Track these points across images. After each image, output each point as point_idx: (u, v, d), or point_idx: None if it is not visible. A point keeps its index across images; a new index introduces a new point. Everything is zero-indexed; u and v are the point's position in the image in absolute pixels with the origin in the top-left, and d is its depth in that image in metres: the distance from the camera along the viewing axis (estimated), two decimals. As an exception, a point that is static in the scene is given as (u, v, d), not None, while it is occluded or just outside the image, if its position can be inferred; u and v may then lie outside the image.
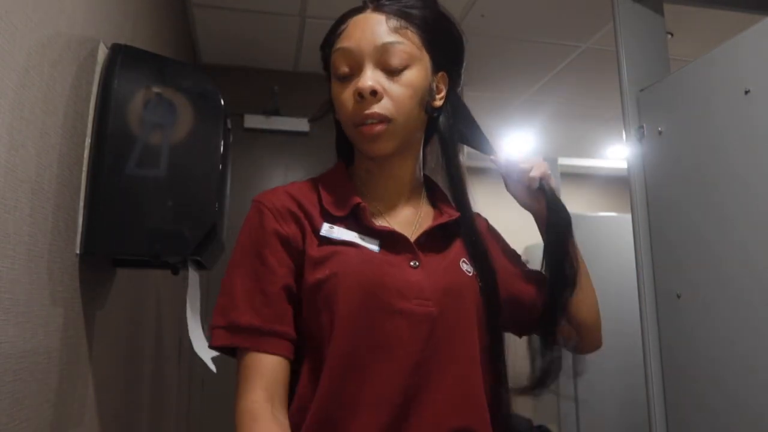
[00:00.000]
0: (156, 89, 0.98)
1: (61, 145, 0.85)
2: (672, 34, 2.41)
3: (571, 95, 3.31)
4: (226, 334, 0.71)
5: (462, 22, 2.49)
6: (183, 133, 0.98)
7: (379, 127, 0.74)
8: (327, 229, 0.75)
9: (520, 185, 0.87)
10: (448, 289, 0.75)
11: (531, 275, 0.89)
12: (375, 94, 0.74)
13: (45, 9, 0.77)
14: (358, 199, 0.78)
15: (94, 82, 0.98)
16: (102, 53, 1.01)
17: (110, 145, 0.93)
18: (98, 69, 0.99)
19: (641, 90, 1.45)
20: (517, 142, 4.13)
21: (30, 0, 0.72)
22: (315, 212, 0.78)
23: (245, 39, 2.70)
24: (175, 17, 2.08)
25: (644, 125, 1.43)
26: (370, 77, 0.74)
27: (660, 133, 1.37)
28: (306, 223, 0.77)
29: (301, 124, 2.83)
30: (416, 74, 0.77)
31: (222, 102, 1.03)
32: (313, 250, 0.74)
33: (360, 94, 0.74)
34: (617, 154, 4.32)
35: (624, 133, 1.48)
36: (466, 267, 0.79)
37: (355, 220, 0.77)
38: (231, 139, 1.12)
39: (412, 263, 0.75)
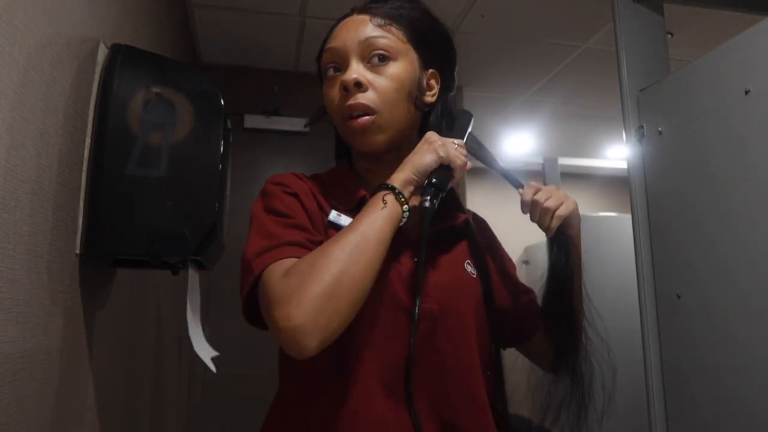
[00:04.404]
0: (156, 89, 0.98)
1: (61, 145, 0.85)
2: (672, 34, 2.41)
3: (571, 95, 3.31)
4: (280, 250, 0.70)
5: (462, 22, 2.49)
6: (183, 133, 0.98)
7: (365, 119, 0.75)
8: (335, 216, 0.76)
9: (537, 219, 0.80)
10: (450, 287, 0.75)
11: (523, 290, 0.93)
12: (359, 86, 0.75)
13: (45, 9, 0.77)
14: (363, 192, 0.78)
15: (94, 82, 0.98)
16: (102, 53, 1.01)
17: (110, 145, 0.93)
18: (98, 69, 0.99)
19: (641, 90, 1.45)
20: (516, 142, 4.13)
21: (30, 0, 0.72)
22: (324, 200, 0.79)
23: (245, 39, 2.70)
24: (175, 17, 2.08)
25: (644, 125, 1.42)
26: (355, 70, 0.76)
27: (660, 133, 1.37)
28: (322, 202, 0.79)
29: (301, 124, 2.83)
30: (401, 67, 0.77)
31: (222, 102, 1.03)
32: (322, 236, 0.75)
33: (345, 87, 0.75)
34: (617, 154, 4.33)
35: (624, 133, 1.48)
36: (470, 269, 0.80)
37: None
38: (231, 139, 1.12)
39: (414, 260, 0.76)
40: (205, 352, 0.99)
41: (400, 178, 0.70)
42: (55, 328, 0.84)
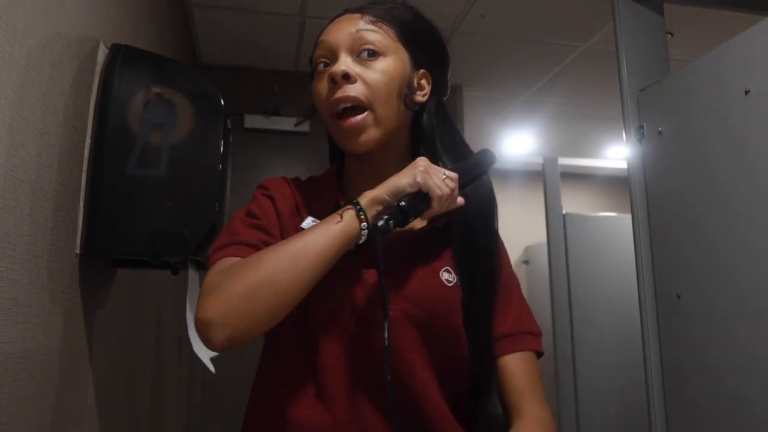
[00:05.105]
0: (156, 89, 0.98)
1: (61, 145, 0.85)
2: (672, 34, 2.41)
3: (571, 95, 3.31)
4: (233, 248, 0.73)
5: (462, 22, 2.49)
6: (183, 133, 0.98)
7: (357, 119, 0.74)
8: (308, 222, 0.76)
9: None
10: (419, 296, 0.73)
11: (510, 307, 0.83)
12: (347, 78, 0.74)
13: (45, 9, 0.77)
14: (338, 199, 0.78)
15: (94, 82, 0.98)
16: (102, 53, 1.01)
17: (110, 145, 0.93)
18: (98, 69, 0.99)
19: (641, 90, 1.45)
20: (516, 142, 4.13)
21: (30, 0, 0.72)
22: (303, 206, 0.80)
23: (245, 39, 2.70)
24: (175, 17, 2.08)
25: (644, 125, 1.43)
26: (343, 62, 0.75)
27: (660, 133, 1.37)
28: (301, 208, 0.80)
29: (301, 124, 2.83)
30: (391, 63, 0.76)
31: (222, 102, 1.03)
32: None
33: (333, 79, 0.74)
34: (617, 154, 4.33)
35: (624, 133, 1.48)
36: (447, 276, 0.76)
37: None
38: (231, 139, 1.12)
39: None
40: (205, 352, 0.99)
41: (370, 195, 0.70)
42: (55, 328, 0.84)
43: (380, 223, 0.68)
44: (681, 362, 1.28)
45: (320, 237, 0.66)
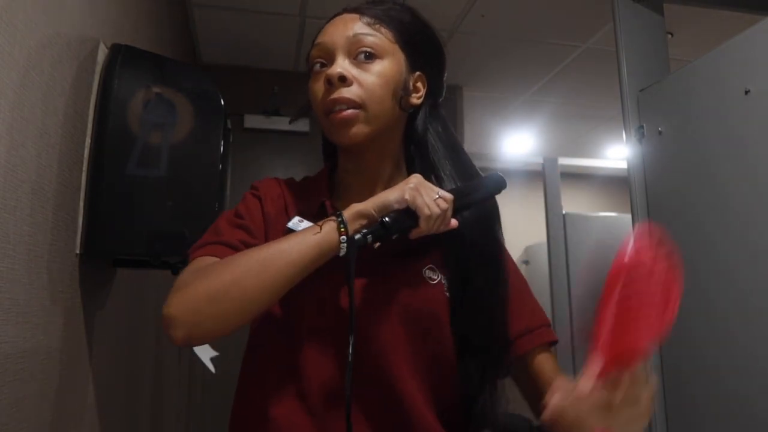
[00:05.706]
0: (156, 89, 0.98)
1: (61, 145, 0.85)
2: (672, 34, 2.41)
3: (571, 95, 3.31)
4: (214, 247, 0.73)
5: (462, 22, 2.49)
6: (183, 133, 0.98)
7: (349, 112, 0.74)
8: (295, 222, 0.76)
9: None
10: (402, 298, 0.73)
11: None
12: (344, 80, 0.74)
13: (45, 9, 0.77)
14: (324, 199, 0.78)
15: (94, 82, 0.98)
16: (102, 53, 1.01)
17: (110, 145, 0.93)
18: (98, 69, 0.99)
19: (641, 90, 1.45)
20: (516, 142, 4.13)
21: (30, 0, 0.72)
22: (293, 206, 0.80)
23: (245, 39, 2.70)
24: (175, 17, 2.08)
25: (644, 125, 1.43)
26: (339, 65, 0.75)
27: (660, 133, 1.37)
28: (290, 208, 0.80)
29: (301, 124, 2.83)
30: (388, 66, 0.77)
31: (222, 102, 1.03)
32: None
33: (329, 81, 0.74)
34: (617, 154, 4.33)
35: (624, 133, 1.48)
36: (430, 274, 0.76)
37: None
38: (231, 139, 1.12)
39: (369, 277, 0.73)
40: (205, 352, 0.99)
41: (356, 208, 0.69)
42: (55, 328, 0.84)
43: (357, 236, 0.68)
44: (681, 362, 1.28)
45: (295, 246, 0.66)
